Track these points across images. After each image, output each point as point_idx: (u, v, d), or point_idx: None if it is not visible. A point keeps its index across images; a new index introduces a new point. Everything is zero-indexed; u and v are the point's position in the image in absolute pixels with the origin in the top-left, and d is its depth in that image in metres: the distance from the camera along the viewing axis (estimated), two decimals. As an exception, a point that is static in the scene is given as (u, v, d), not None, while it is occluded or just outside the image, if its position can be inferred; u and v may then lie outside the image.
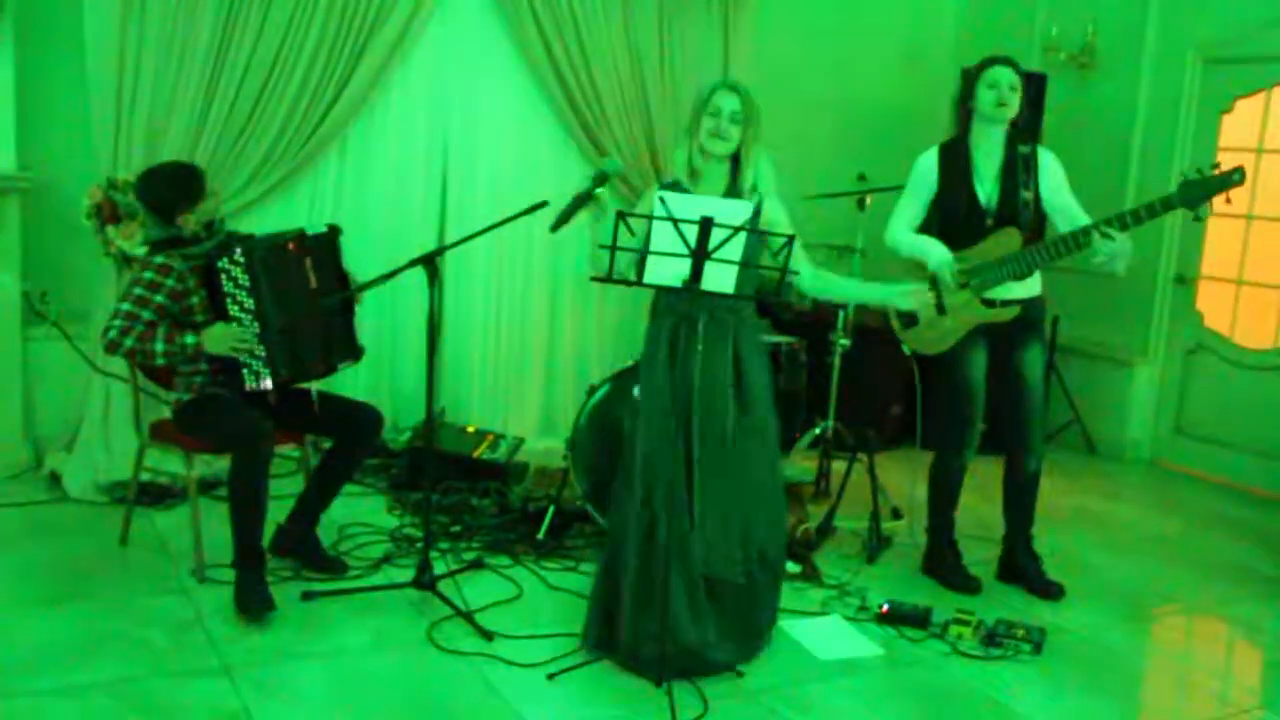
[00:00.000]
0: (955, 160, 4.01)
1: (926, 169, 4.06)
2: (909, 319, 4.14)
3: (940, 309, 4.03)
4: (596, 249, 3.29)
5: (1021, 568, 4.21)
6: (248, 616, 3.50)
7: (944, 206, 4.03)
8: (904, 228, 4.08)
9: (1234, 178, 3.63)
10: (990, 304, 3.99)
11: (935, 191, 4.04)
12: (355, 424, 3.94)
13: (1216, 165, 3.71)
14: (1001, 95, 3.88)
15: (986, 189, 3.97)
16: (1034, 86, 5.75)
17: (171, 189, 3.73)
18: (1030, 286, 4.02)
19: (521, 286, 5.69)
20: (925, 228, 4.08)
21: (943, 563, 4.23)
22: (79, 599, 3.62)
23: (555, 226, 3.36)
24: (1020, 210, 3.93)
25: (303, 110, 4.91)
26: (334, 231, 4.01)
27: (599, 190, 3.36)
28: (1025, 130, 4.05)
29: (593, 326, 5.89)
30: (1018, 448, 4.14)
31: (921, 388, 4.52)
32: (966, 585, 4.15)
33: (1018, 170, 3.94)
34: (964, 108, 4.01)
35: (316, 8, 4.83)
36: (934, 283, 4.00)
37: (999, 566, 4.30)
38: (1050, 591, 4.13)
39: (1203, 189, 3.67)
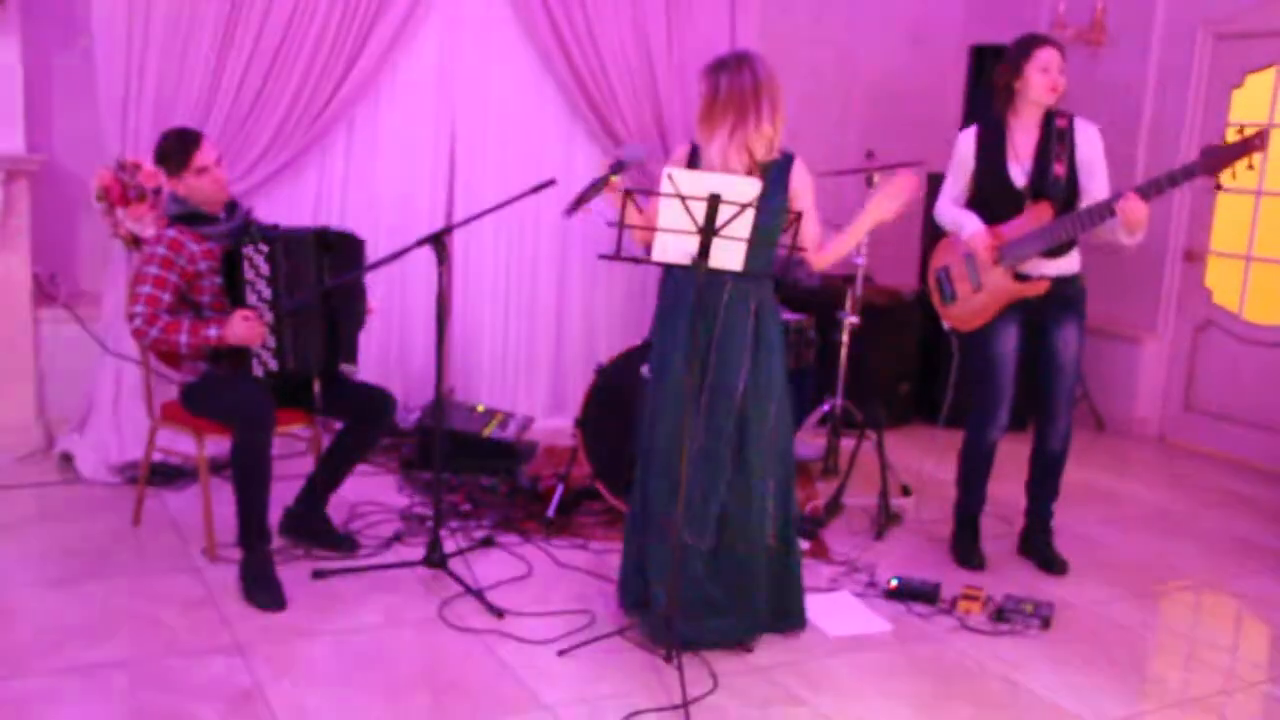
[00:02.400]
0: (992, 138, 3.98)
1: (965, 147, 4.04)
2: (950, 293, 4.13)
3: (976, 285, 4.04)
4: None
5: (1034, 543, 4.23)
6: (257, 607, 3.52)
7: (981, 184, 4.02)
8: (948, 202, 4.09)
9: (1254, 142, 3.58)
10: (1023, 278, 3.97)
11: (974, 169, 4.03)
12: (368, 408, 3.94)
13: (1241, 129, 3.66)
14: (1054, 79, 3.85)
15: (1023, 166, 3.94)
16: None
17: (161, 147, 3.78)
18: (1066, 264, 3.98)
19: (530, 265, 5.69)
20: (969, 204, 4.07)
21: (958, 539, 4.24)
22: (92, 579, 3.65)
23: (569, 211, 3.31)
24: (1051, 185, 3.90)
25: (310, 90, 4.91)
26: (359, 242, 3.99)
27: (614, 177, 3.31)
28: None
29: (601, 305, 5.89)
30: (1044, 427, 4.13)
31: (948, 365, 4.49)
32: (968, 561, 4.15)
33: (1051, 145, 3.91)
34: (1007, 88, 3.94)
35: (323, -12, 4.83)
36: (969, 258, 4.00)
37: (1019, 540, 4.31)
38: (1054, 567, 4.15)
39: (1223, 155, 3.62)
